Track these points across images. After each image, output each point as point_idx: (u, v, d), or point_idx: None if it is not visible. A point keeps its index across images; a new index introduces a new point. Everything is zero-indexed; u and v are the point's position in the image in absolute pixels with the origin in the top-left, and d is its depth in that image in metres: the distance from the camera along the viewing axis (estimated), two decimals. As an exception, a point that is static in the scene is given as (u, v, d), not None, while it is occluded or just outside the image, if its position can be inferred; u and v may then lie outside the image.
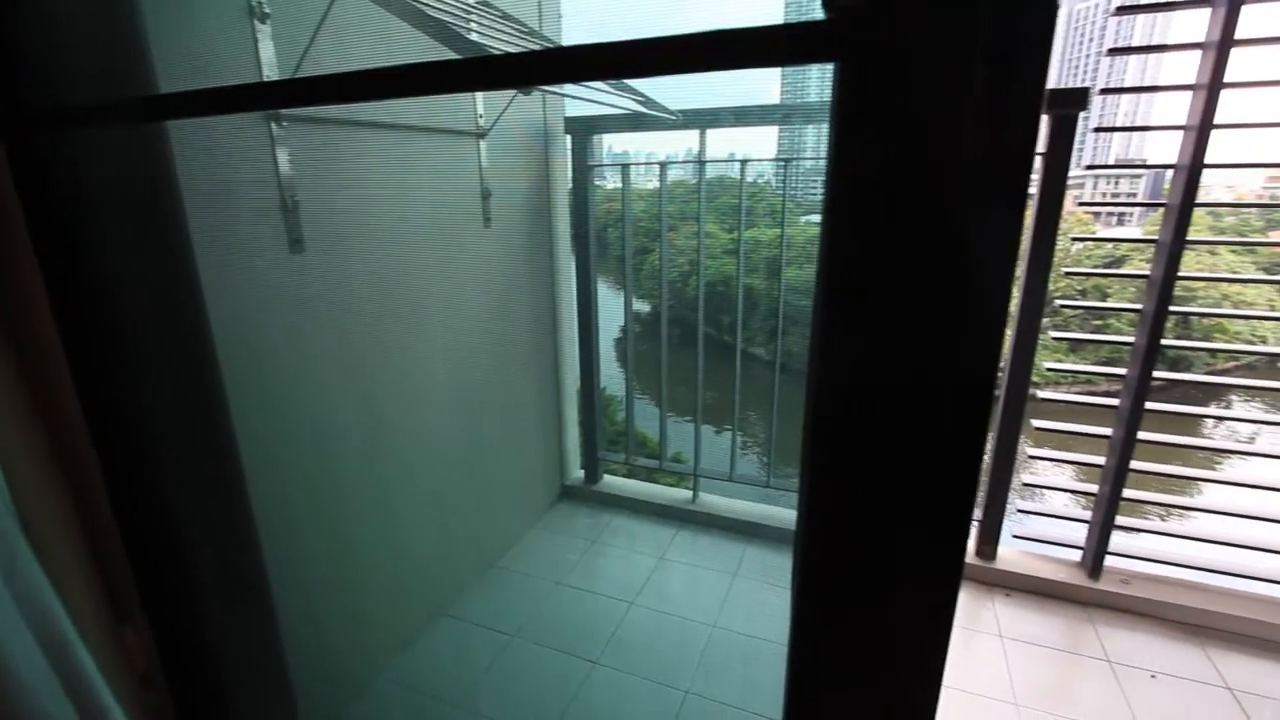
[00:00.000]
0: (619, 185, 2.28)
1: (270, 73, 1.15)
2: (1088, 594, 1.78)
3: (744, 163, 2.00)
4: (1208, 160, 1.44)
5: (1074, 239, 1.82)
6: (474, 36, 1.40)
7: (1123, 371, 1.65)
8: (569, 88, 1.89)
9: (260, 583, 0.95)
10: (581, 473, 2.56)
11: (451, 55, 1.12)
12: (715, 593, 1.98)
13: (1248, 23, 1.37)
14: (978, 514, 1.89)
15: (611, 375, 2.87)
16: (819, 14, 0.37)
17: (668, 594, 1.98)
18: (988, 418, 0.45)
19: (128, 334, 0.73)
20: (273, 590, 0.97)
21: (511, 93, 1.72)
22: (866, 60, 0.35)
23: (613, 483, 2.54)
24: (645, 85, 1.82)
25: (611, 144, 2.57)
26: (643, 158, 2.50)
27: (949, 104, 0.35)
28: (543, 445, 2.39)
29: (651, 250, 2.60)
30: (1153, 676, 1.55)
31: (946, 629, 0.51)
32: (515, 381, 2.17)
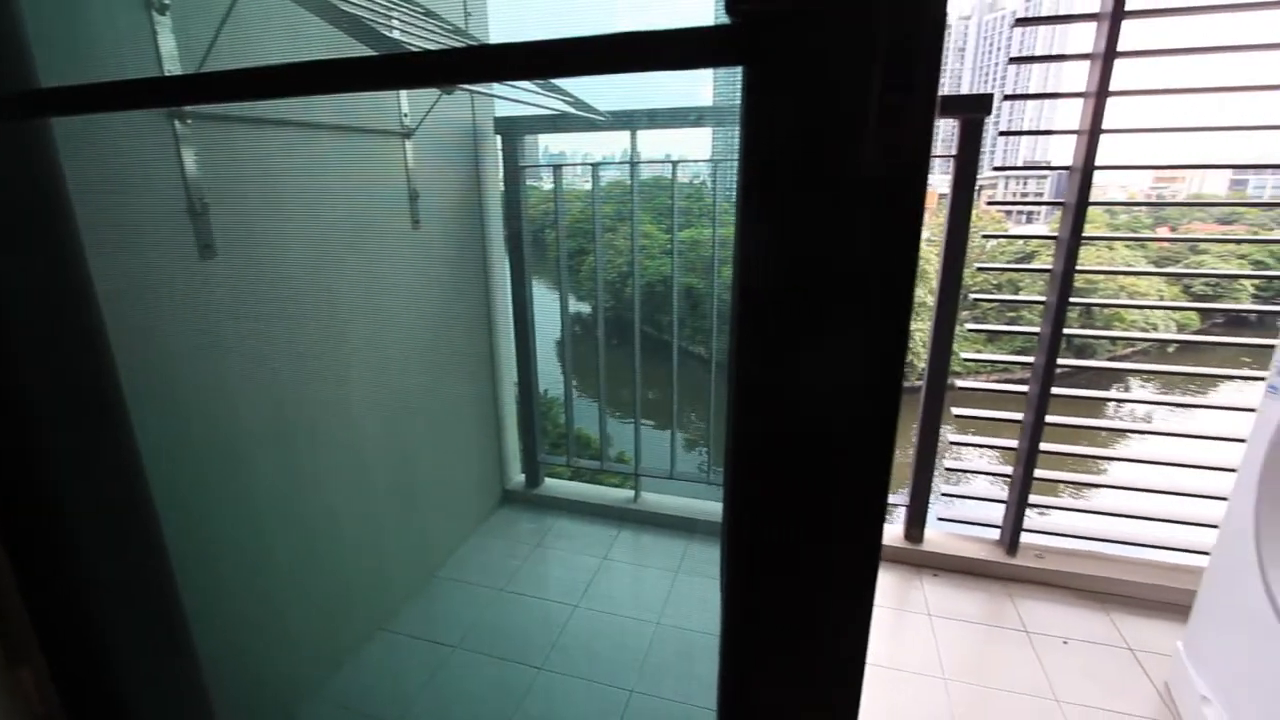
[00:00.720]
0: (569, 186, 2.27)
1: (171, 67, 1.09)
2: (1006, 570, 1.89)
3: (675, 163, 2.03)
4: (1099, 162, 1.56)
5: (984, 236, 1.93)
6: (395, 34, 1.36)
7: (1031, 359, 1.77)
8: (497, 88, 1.86)
9: (174, 611, 0.90)
10: (522, 477, 2.53)
11: (369, 53, 1.09)
12: (658, 590, 2.00)
13: (1129, 36, 1.49)
14: (905, 499, 1.98)
15: (552, 377, 2.84)
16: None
17: (611, 594, 1.98)
18: (896, 408, 0.47)
19: (11, 349, 0.68)
20: (190, 618, 0.91)
21: (437, 92, 1.68)
22: (770, 65, 0.37)
23: (554, 485, 2.52)
24: (575, 86, 1.82)
25: (548, 144, 2.54)
26: (580, 158, 2.50)
27: (849, 106, 0.36)
28: (481, 451, 2.35)
29: (590, 251, 2.60)
30: (1065, 642, 1.66)
31: (867, 611, 0.53)
32: (449, 387, 2.12)
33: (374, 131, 1.66)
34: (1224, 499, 1.38)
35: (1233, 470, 1.35)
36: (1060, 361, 1.75)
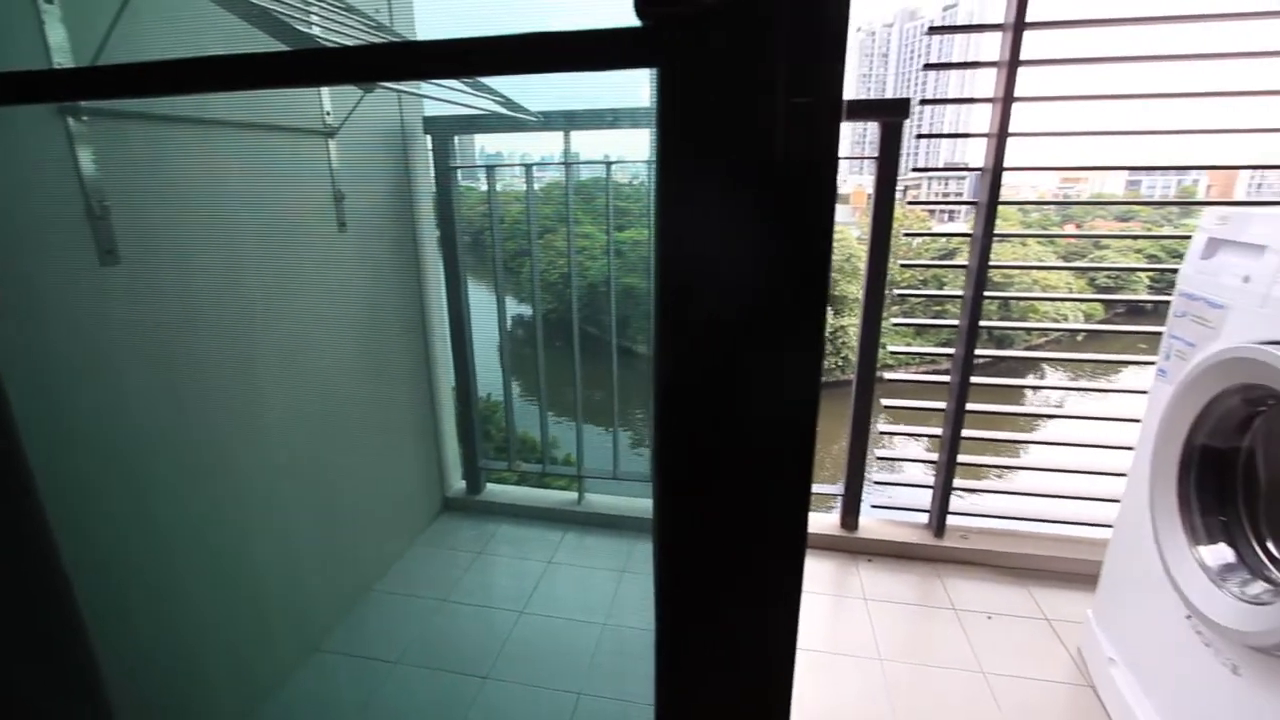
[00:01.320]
0: (503, 187, 2.23)
1: (62, 59, 1.01)
2: (935, 552, 1.99)
3: (609, 164, 2.03)
4: (1007, 164, 1.66)
5: (906, 234, 2.03)
6: (315, 30, 1.31)
7: (951, 351, 1.86)
8: (424, 87, 1.82)
9: (79, 649, 0.83)
10: (463, 483, 2.48)
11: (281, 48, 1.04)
12: (605, 590, 2.00)
13: (1031, 45, 1.59)
14: (840, 489, 2.05)
15: (493, 381, 2.80)
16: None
17: (557, 598, 1.96)
18: (815, 402, 0.49)
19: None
20: (99, 657, 0.85)
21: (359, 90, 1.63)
22: (678, 67, 0.37)
23: (496, 491, 2.48)
24: (507, 86, 1.79)
25: (485, 145, 2.50)
26: (519, 159, 2.47)
27: (755, 108, 0.37)
28: (418, 459, 2.29)
29: (531, 253, 2.57)
30: (989, 617, 1.76)
31: (795, 599, 0.54)
32: (383, 395, 2.05)
33: (294, 130, 1.59)
34: (1125, 475, 1.49)
35: (1132, 448, 1.47)
36: (981, 352, 1.85)
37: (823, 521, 2.12)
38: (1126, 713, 1.37)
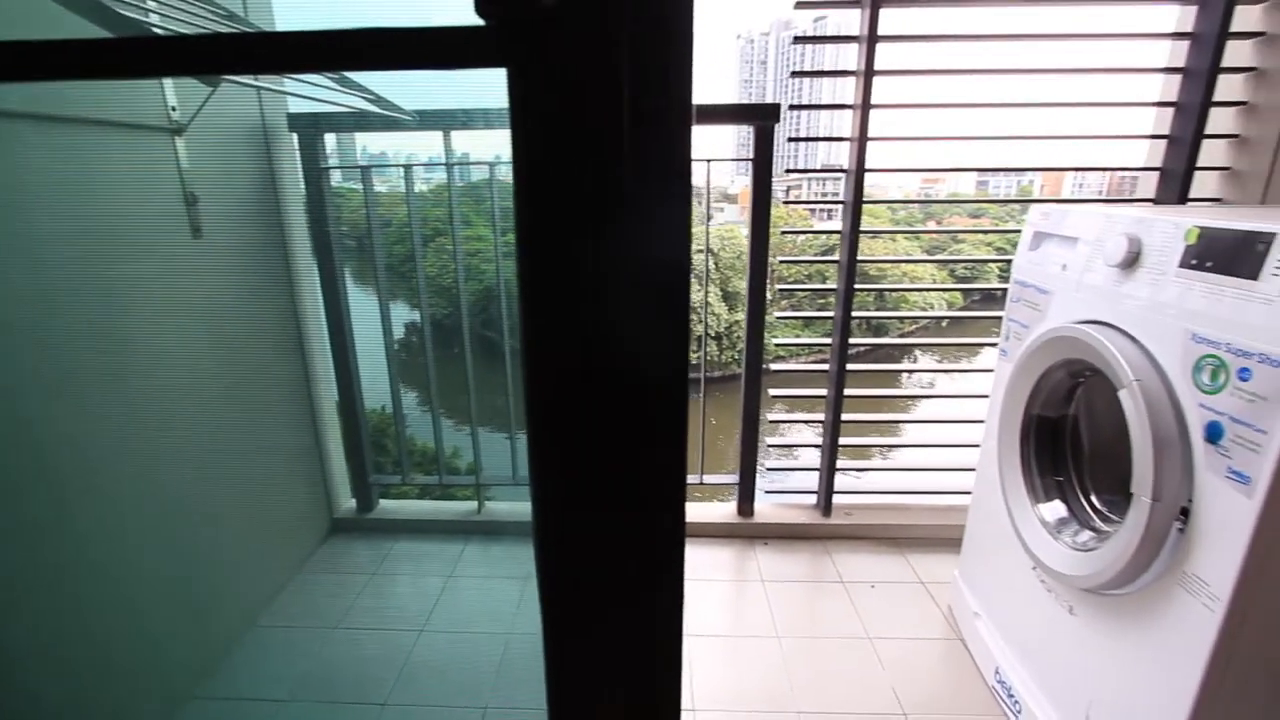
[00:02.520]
0: (378, 188, 2.12)
1: None
2: (823, 530, 2.12)
3: (493, 165, 1.99)
4: (868, 166, 1.79)
5: (784, 231, 2.14)
6: (152, 18, 1.19)
7: (828, 341, 1.99)
8: (287, 84, 1.70)
9: None
10: (354, 502, 2.34)
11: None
12: (509, 599, 1.96)
13: (884, 56, 1.73)
14: (735, 478, 2.14)
15: (384, 392, 2.67)
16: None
17: (460, 612, 1.90)
18: (684, 397, 0.50)
19: None
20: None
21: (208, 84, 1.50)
22: (524, 68, 0.38)
23: (390, 507, 2.36)
24: (380, 83, 1.71)
25: (366, 144, 2.37)
26: (403, 159, 2.36)
27: (602, 110, 0.38)
28: (300, 480, 2.14)
29: (426, 257, 2.47)
30: (872, 586, 1.90)
31: (678, 590, 0.56)
32: (257, 415, 1.90)
33: (131, 127, 1.44)
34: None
35: (984, 421, 1.63)
36: (855, 340, 1.99)
37: (720, 510, 2.20)
38: (989, 659, 1.53)
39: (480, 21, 0.41)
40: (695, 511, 2.21)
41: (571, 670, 0.54)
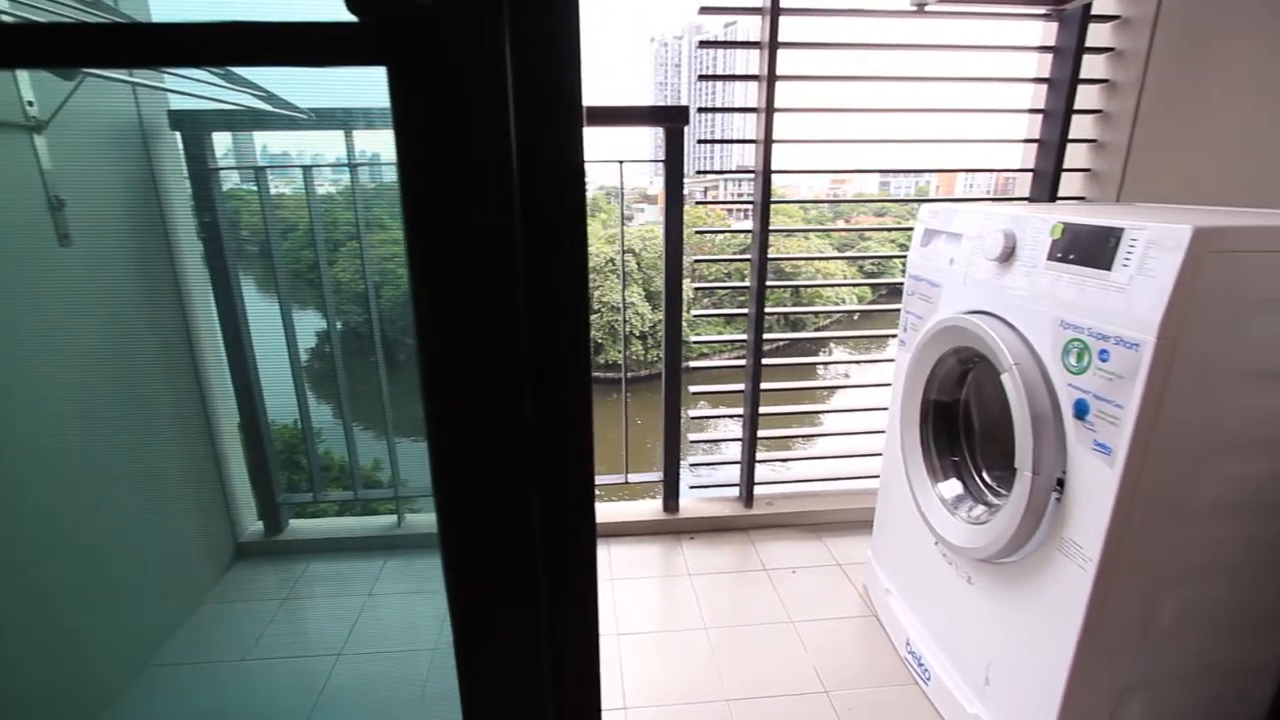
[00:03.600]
0: (281, 190, 2.00)
1: None
2: (746, 520, 2.18)
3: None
4: (775, 167, 1.86)
5: (697, 231, 2.19)
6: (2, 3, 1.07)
7: (744, 337, 2.05)
8: (168, 78, 1.57)
9: None
10: (261, 525, 2.20)
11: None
12: (433, 615, 1.90)
13: (786, 61, 1.80)
14: (660, 475, 2.16)
15: (291, 406, 2.52)
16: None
17: (381, 631, 1.83)
18: (588, 395, 0.51)
19: None
20: None
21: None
22: (403, 67, 0.37)
23: (301, 527, 2.24)
24: (270, 80, 1.62)
25: (267, 144, 2.22)
26: (308, 159, 2.23)
27: (487, 109, 0.38)
28: (198, 506, 1.99)
29: (332, 262, 2.35)
30: (793, 572, 1.97)
31: (591, 593, 0.56)
32: (143, 439, 1.75)
33: (-24, 122, 1.29)
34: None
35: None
36: (769, 336, 2.05)
37: (647, 508, 2.22)
38: (900, 631, 1.62)
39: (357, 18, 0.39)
40: (622, 510, 2.22)
41: (485, 680, 0.53)
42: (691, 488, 2.28)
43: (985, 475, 1.46)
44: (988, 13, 1.82)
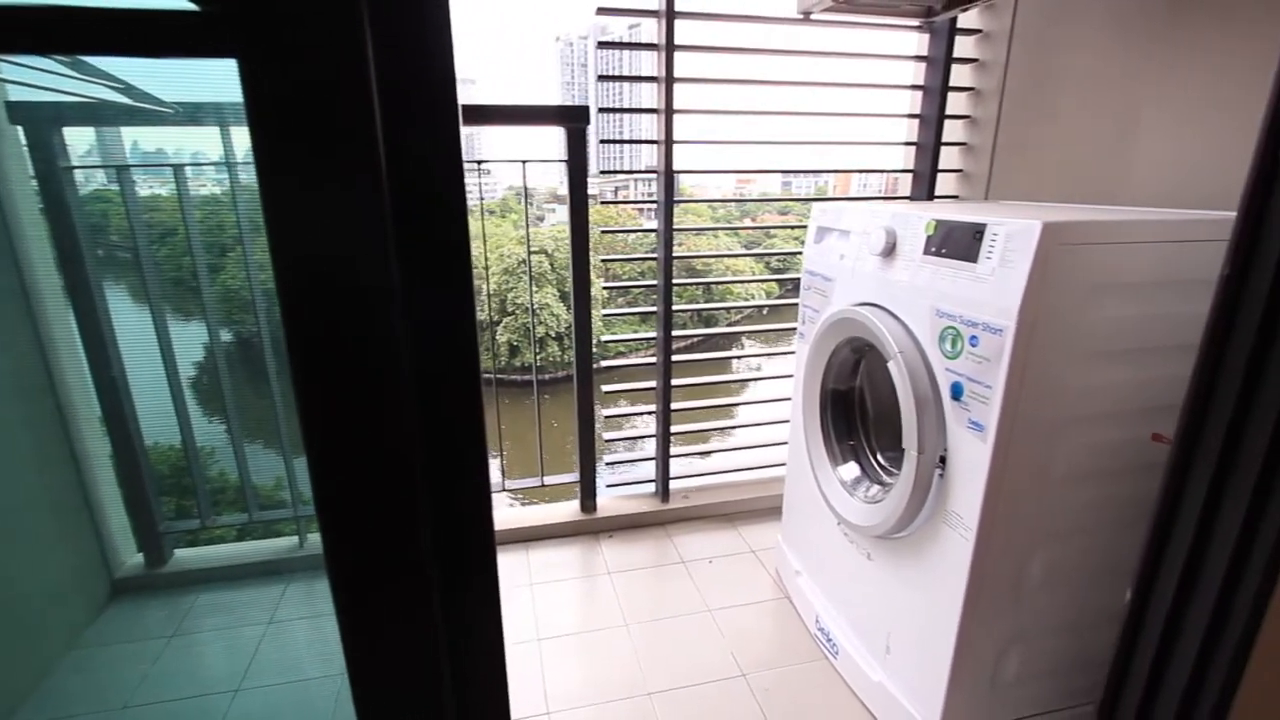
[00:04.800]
0: (157, 192, 1.83)
1: None
2: (663, 515, 2.21)
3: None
4: (676, 168, 1.89)
5: (603, 231, 2.20)
6: None
7: (653, 334, 2.08)
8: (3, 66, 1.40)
9: None
10: (141, 557, 2.01)
11: None
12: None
13: (683, 64, 1.84)
14: (576, 477, 2.16)
15: (172, 425, 2.31)
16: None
17: (284, 660, 1.72)
18: (478, 400, 0.50)
19: None
20: None
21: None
22: (257, 58, 0.35)
23: (189, 556, 2.06)
24: (129, 69, 1.48)
25: (139, 140, 2.01)
26: (187, 157, 2.04)
27: (350, 104, 0.36)
28: (63, 543, 1.79)
29: (223, 269, 2.17)
30: (710, 562, 2.02)
31: (494, 600, 0.56)
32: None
33: None
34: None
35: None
36: (691, 332, 2.10)
37: (564, 510, 2.21)
38: (810, 610, 1.70)
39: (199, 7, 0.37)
40: (539, 514, 2.20)
41: (382, 699, 0.52)
42: (609, 486, 2.28)
43: (880, 457, 1.56)
44: (866, 23, 1.93)
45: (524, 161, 1.91)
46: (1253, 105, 0.73)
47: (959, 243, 1.15)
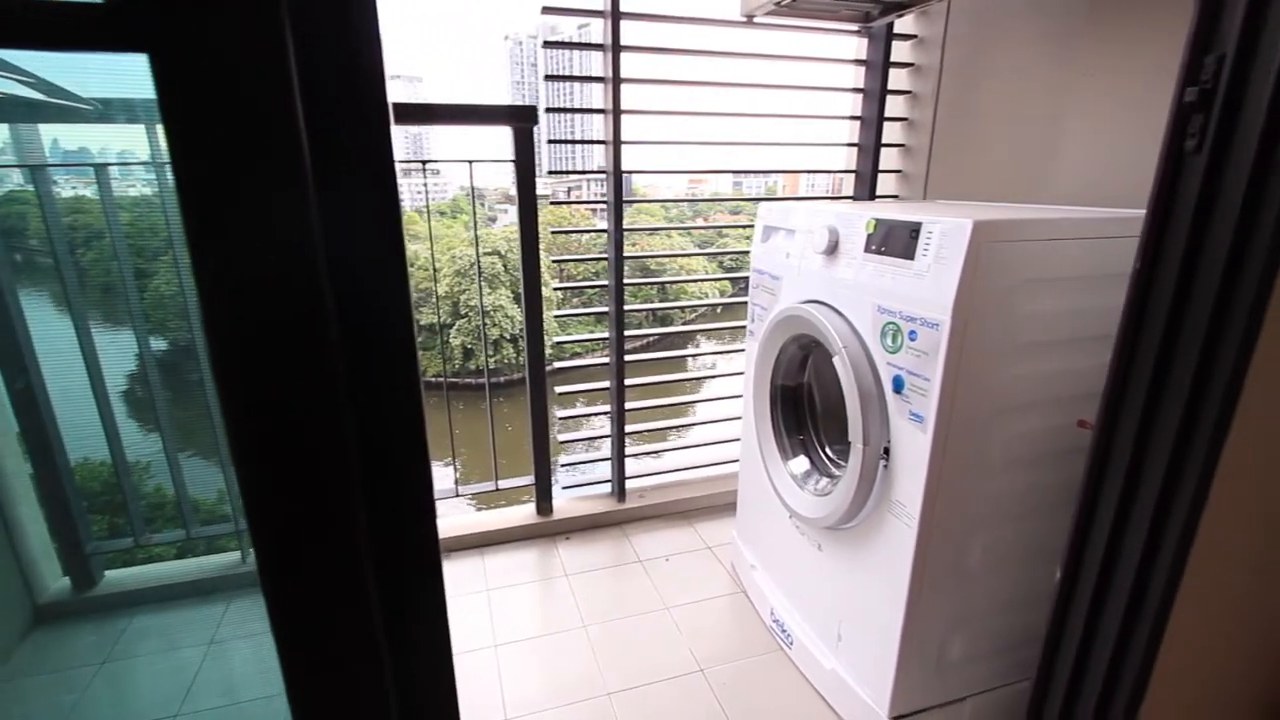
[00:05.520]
0: (81, 193, 1.74)
1: None
2: (620, 515, 2.21)
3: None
4: (626, 167, 1.90)
5: (554, 232, 2.18)
6: None
7: (606, 335, 2.08)
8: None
9: None
10: (67, 581, 1.90)
11: None
12: (289, 653, 1.74)
13: (630, 65, 1.84)
14: (531, 480, 2.14)
15: (98, 439, 2.18)
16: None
17: (226, 683, 1.65)
18: (418, 404, 0.49)
19: None
20: None
21: None
22: (171, 55, 0.33)
23: (121, 578, 1.96)
24: (41, 64, 1.39)
25: (58, 138, 1.89)
26: (113, 156, 1.92)
27: (274, 105, 0.35)
28: (-23, 566, 1.68)
29: (154, 274, 2.06)
30: (667, 559, 2.03)
31: (441, 607, 0.55)
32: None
33: None
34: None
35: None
36: (647, 331, 2.10)
37: (520, 513, 2.19)
38: (765, 603, 1.73)
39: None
40: (494, 519, 2.17)
41: (323, 718, 0.50)
42: (565, 488, 2.27)
43: (828, 450, 1.60)
44: (807, 26, 1.98)
45: (470, 162, 1.88)
46: (1163, 106, 0.78)
47: (897, 241, 1.18)
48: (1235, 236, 0.73)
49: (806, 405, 1.64)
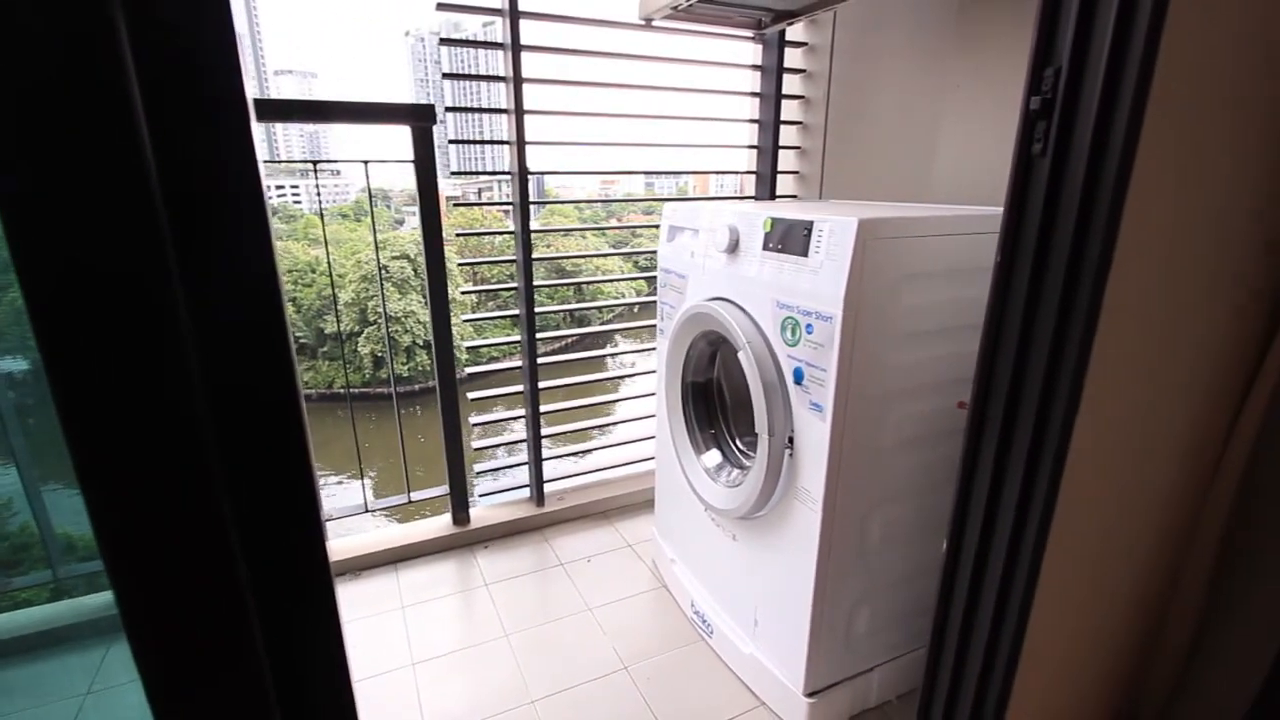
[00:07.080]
0: None
1: None
2: (540, 519, 2.19)
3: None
4: (532, 168, 1.88)
5: (458, 234, 2.13)
6: None
7: (518, 338, 2.05)
8: None
9: None
10: (-95, 640, 1.66)
11: None
12: (181, 695, 1.61)
13: (531, 65, 1.83)
14: (446, 489, 2.08)
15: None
16: None
17: (108, 733, 1.50)
18: (298, 418, 0.47)
19: None
20: None
21: None
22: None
23: (-25, 630, 1.74)
24: None
25: None
26: None
27: (111, 96, 0.33)
28: None
29: (8, 286, 1.82)
30: (588, 560, 2.03)
31: (336, 633, 0.52)
32: None
33: None
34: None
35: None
36: (564, 333, 2.08)
37: (435, 525, 2.12)
38: (685, 595, 1.76)
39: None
40: (407, 532, 2.09)
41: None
42: (483, 496, 2.22)
43: (739, 442, 1.65)
44: (703, 31, 2.03)
45: (366, 162, 1.80)
46: (1017, 114, 0.86)
47: (792, 239, 1.24)
48: (1076, 230, 0.82)
49: (717, 399, 1.69)
